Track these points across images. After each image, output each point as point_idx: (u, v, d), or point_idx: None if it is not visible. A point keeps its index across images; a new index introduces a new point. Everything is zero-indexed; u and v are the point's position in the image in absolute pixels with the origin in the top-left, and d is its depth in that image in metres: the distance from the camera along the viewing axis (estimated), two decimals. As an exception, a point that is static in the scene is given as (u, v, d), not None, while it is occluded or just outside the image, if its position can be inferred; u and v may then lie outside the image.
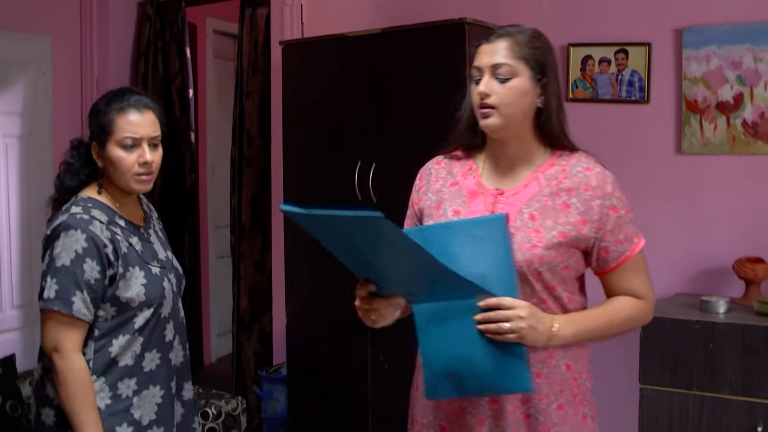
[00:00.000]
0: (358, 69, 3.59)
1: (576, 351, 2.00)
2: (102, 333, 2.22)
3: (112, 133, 2.23)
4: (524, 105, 1.93)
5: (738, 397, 2.89)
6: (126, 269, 2.22)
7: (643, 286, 2.01)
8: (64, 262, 2.16)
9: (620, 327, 2.00)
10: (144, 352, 2.26)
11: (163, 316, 2.30)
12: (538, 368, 1.93)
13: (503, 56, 1.91)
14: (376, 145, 3.54)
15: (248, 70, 4.64)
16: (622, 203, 1.97)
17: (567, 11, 3.62)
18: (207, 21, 5.81)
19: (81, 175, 2.31)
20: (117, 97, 2.29)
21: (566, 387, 1.98)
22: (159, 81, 5.00)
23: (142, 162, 2.24)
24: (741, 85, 3.28)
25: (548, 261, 1.90)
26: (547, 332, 1.84)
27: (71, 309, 2.16)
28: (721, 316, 2.99)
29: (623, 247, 1.95)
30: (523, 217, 1.93)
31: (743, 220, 3.32)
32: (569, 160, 1.99)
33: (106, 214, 2.25)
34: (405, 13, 3.94)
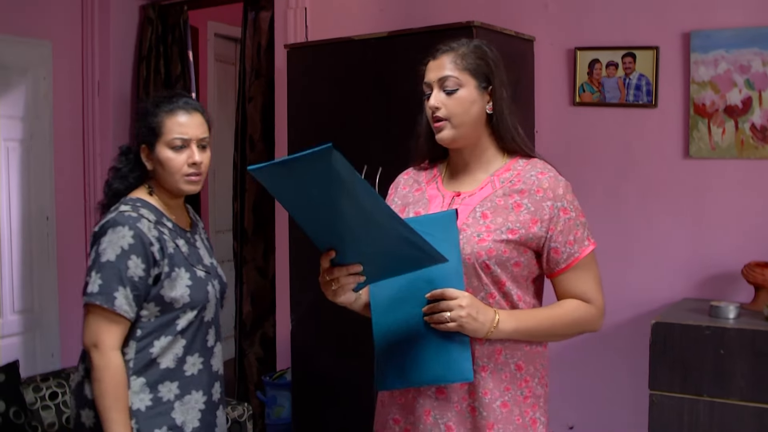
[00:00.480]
0: (364, 72, 3.57)
1: (529, 353, 2.06)
2: (144, 333, 2.21)
3: (161, 134, 2.25)
4: (473, 113, 2.04)
5: (748, 403, 2.86)
6: (171, 269, 2.22)
7: (592, 290, 2.06)
8: (109, 257, 2.17)
9: (564, 329, 2.07)
10: (186, 355, 2.26)
11: (206, 320, 2.30)
12: (485, 362, 2.01)
13: (448, 69, 2.05)
14: (383, 149, 3.52)
15: (251, 74, 4.62)
16: (573, 206, 2.04)
17: (573, 15, 3.60)
18: (208, 24, 5.80)
19: (129, 179, 2.33)
20: (165, 100, 2.31)
21: (515, 387, 2.03)
22: (161, 85, 4.97)
23: (191, 162, 2.26)
24: (749, 89, 3.27)
25: (496, 255, 1.97)
26: (488, 323, 1.93)
27: (113, 304, 2.15)
28: (731, 321, 2.97)
29: (573, 248, 2.02)
30: (475, 215, 2.03)
31: (751, 225, 3.30)
32: (525, 166, 2.10)
33: (154, 214, 2.26)
34: (409, 17, 3.93)
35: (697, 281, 3.39)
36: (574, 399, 3.62)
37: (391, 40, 3.51)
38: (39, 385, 3.48)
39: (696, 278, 3.39)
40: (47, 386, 3.49)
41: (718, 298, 3.31)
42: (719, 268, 3.35)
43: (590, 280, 2.06)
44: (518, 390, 2.04)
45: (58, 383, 3.53)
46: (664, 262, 3.44)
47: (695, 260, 3.39)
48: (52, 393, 3.48)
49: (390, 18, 4.01)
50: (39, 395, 3.43)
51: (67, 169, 4.88)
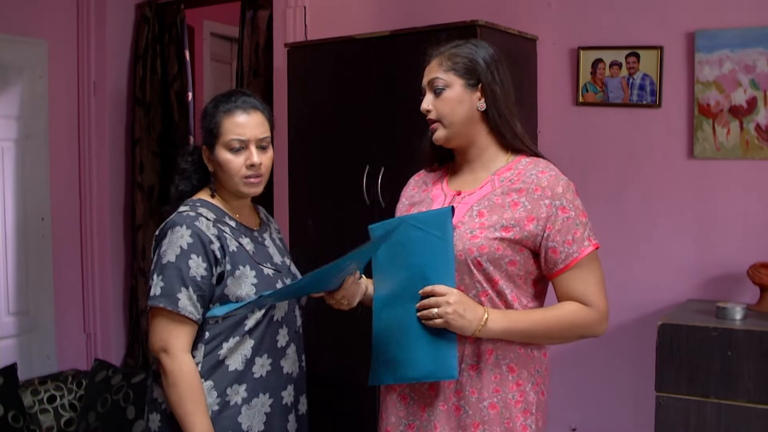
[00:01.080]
0: (366, 72, 3.54)
1: (523, 356, 2.04)
2: (212, 335, 2.16)
3: (219, 135, 2.21)
4: (461, 112, 2.07)
5: (756, 404, 2.84)
6: (235, 267, 2.17)
7: (592, 292, 2.02)
8: (170, 258, 2.13)
9: (561, 333, 2.03)
10: (254, 356, 2.19)
11: (276, 319, 2.24)
12: (474, 361, 2.00)
13: (435, 72, 2.11)
14: (385, 149, 3.49)
15: (249, 74, 4.58)
16: (573, 205, 2.02)
17: (577, 14, 3.58)
18: (204, 23, 5.75)
19: (193, 180, 2.31)
20: (224, 99, 2.27)
21: (505, 389, 2.01)
22: (157, 85, 4.92)
23: (249, 164, 2.21)
24: (754, 89, 3.25)
25: (489, 252, 1.97)
26: (476, 321, 1.92)
27: (177, 306, 2.10)
28: (738, 322, 2.95)
29: (572, 248, 2.00)
30: (472, 213, 2.04)
31: (756, 226, 3.28)
32: (527, 165, 2.09)
33: (215, 213, 2.22)
34: (410, 16, 3.89)
35: (701, 282, 3.37)
36: (577, 400, 3.60)
37: (393, 39, 3.47)
38: (37, 388, 3.44)
39: (700, 279, 3.37)
40: (45, 389, 3.46)
41: (723, 299, 3.30)
42: (723, 268, 3.34)
43: (590, 283, 2.03)
44: (509, 393, 2.01)
45: (57, 386, 3.50)
46: (668, 262, 3.42)
47: (699, 261, 3.37)
48: (50, 396, 3.45)
49: (391, 17, 3.97)
50: (37, 398, 3.40)
51: (62, 169, 4.83)
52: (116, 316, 4.97)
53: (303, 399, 2.35)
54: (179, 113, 4.91)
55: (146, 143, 4.91)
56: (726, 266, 3.33)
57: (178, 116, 4.91)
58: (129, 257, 4.99)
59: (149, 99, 4.91)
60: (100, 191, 4.91)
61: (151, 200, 4.91)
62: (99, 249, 4.93)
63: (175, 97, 4.90)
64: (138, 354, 4.88)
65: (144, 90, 4.90)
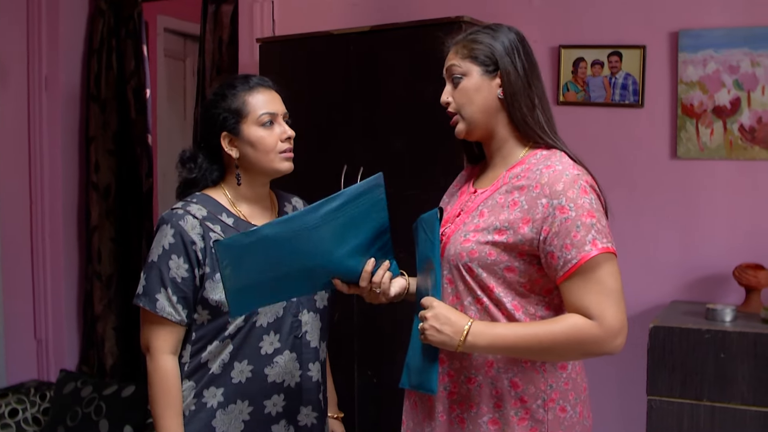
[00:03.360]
0: (345, 68, 3.43)
1: (529, 371, 1.87)
2: (198, 337, 2.11)
3: (247, 113, 2.12)
4: (479, 102, 1.92)
5: (750, 407, 2.82)
6: (215, 270, 2.07)
7: (596, 304, 1.76)
8: (153, 257, 2.08)
9: (557, 350, 1.79)
10: (233, 361, 2.11)
11: (260, 325, 2.12)
12: (473, 374, 1.88)
13: (452, 60, 1.96)
14: (365, 148, 3.38)
15: (211, 70, 4.42)
16: (575, 204, 1.77)
17: (558, 12, 3.53)
18: (158, 18, 5.55)
19: (208, 183, 2.20)
20: (239, 80, 2.19)
21: (508, 405, 1.87)
22: (113, 80, 4.73)
23: (285, 137, 2.14)
24: (738, 89, 3.24)
25: (479, 257, 1.82)
26: (456, 337, 1.78)
27: (155, 307, 2.06)
28: (728, 324, 2.93)
29: (571, 253, 1.76)
30: (475, 213, 1.91)
31: (740, 226, 3.27)
32: (540, 159, 1.90)
33: (209, 210, 2.12)
34: (385, 11, 3.80)
35: (685, 283, 3.35)
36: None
37: (373, 35, 3.37)
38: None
39: (684, 280, 3.35)
40: (6, 402, 3.28)
41: (708, 301, 3.28)
42: (708, 270, 3.32)
43: (592, 292, 1.76)
44: (512, 410, 1.86)
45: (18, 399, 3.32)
46: (652, 264, 3.38)
47: (684, 262, 3.35)
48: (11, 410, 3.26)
49: (364, 13, 3.87)
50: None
51: (11, 168, 4.61)
52: (69, 321, 4.76)
53: (307, 410, 2.21)
54: (137, 110, 4.72)
55: (101, 141, 4.72)
56: (710, 267, 3.31)
57: (135, 113, 4.72)
58: (83, 260, 4.79)
59: (104, 95, 4.72)
60: (52, 192, 4.70)
61: (107, 201, 4.72)
62: (51, 252, 4.71)
63: (132, 94, 4.71)
64: (93, 361, 4.68)
65: (99, 86, 4.71)
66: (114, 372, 4.62)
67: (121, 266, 4.76)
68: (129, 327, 4.73)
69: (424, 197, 2.56)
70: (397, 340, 3.28)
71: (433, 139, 3.18)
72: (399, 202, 3.27)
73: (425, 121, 3.20)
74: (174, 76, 5.83)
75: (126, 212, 4.78)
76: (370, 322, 3.37)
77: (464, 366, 1.88)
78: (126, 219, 4.78)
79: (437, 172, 3.11)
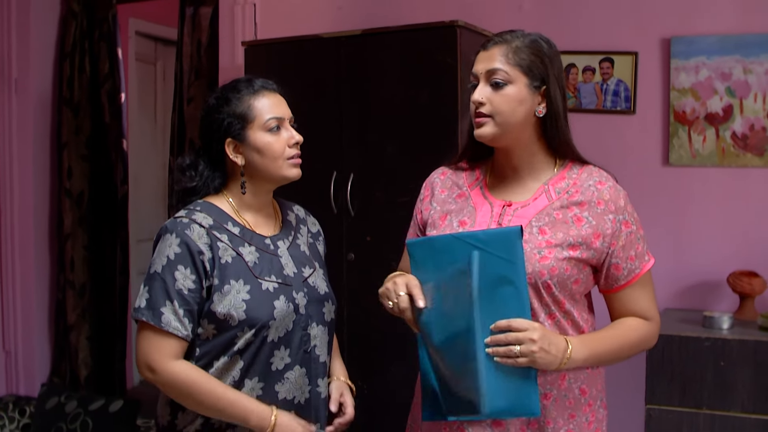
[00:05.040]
0: (335, 73, 3.35)
1: (591, 375, 1.92)
2: (203, 353, 1.97)
3: (253, 118, 2.03)
4: (520, 113, 1.87)
5: (750, 414, 2.82)
6: (223, 281, 1.95)
7: (651, 306, 1.96)
8: (157, 268, 1.94)
9: (630, 350, 1.94)
10: (244, 378, 1.98)
11: (271, 339, 1.99)
12: (548, 390, 1.85)
13: (498, 62, 1.87)
14: (355, 154, 3.31)
15: (190, 74, 4.32)
16: (634, 218, 1.91)
17: (549, 17, 3.50)
18: (130, 21, 5.44)
19: (210, 191, 2.09)
20: (243, 84, 2.07)
21: (580, 413, 1.89)
22: (86, 84, 4.61)
23: (293, 143, 2.06)
24: (730, 96, 3.24)
25: (559, 274, 1.82)
26: (561, 355, 1.77)
27: (160, 321, 1.91)
28: (725, 331, 2.92)
29: (635, 264, 1.90)
30: (532, 230, 1.86)
31: (732, 234, 3.27)
32: (580, 174, 1.94)
33: (214, 218, 2.00)
34: (370, 16, 3.75)
35: (678, 291, 3.34)
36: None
37: (365, 39, 3.30)
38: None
39: (677, 287, 3.34)
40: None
41: (700, 308, 3.28)
42: (700, 277, 3.31)
43: (649, 297, 1.96)
44: (583, 416, 1.89)
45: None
46: (644, 271, 3.36)
47: (676, 269, 3.34)
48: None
49: (350, 17, 3.82)
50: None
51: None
52: (40, 332, 4.62)
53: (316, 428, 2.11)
54: (111, 115, 4.60)
55: (74, 147, 4.59)
56: (703, 274, 3.31)
57: (109, 118, 4.60)
58: (55, 269, 4.65)
59: (77, 99, 4.59)
60: (22, 198, 4.56)
61: (81, 208, 4.59)
62: (21, 260, 4.56)
63: (106, 98, 4.59)
64: (65, 372, 4.54)
65: (72, 89, 4.58)
66: (89, 384, 4.49)
67: (94, 275, 4.63)
68: (103, 337, 4.60)
69: None
70: (387, 351, 3.23)
71: (427, 144, 3.13)
72: (392, 208, 3.23)
73: (419, 127, 3.15)
74: (145, 80, 5.71)
75: (100, 219, 4.66)
76: (360, 333, 3.30)
77: (539, 384, 1.81)
78: (100, 226, 4.65)
79: (431, 179, 3.05)
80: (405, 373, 2.57)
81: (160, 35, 5.74)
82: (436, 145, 3.11)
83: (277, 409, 1.98)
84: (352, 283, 3.33)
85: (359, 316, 3.30)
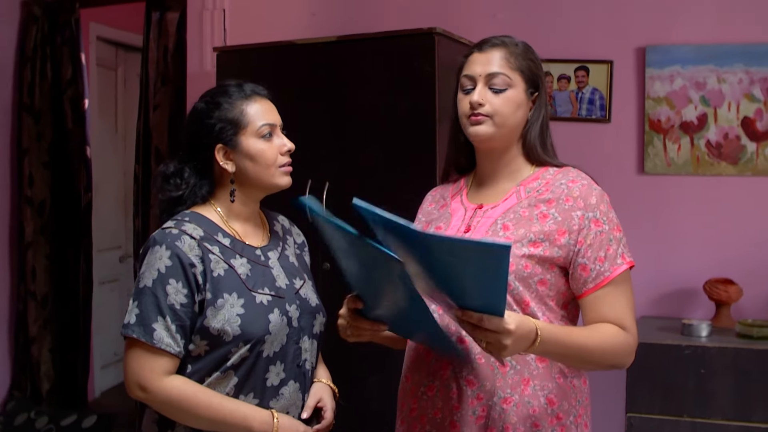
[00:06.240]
0: (310, 80, 3.31)
1: (563, 386, 1.84)
2: (194, 370, 1.88)
3: (246, 124, 1.96)
4: (518, 117, 1.87)
5: (731, 422, 2.83)
6: (217, 295, 1.87)
7: (626, 316, 1.80)
8: (147, 282, 1.84)
9: (602, 356, 1.77)
10: (238, 394, 1.90)
11: (266, 355, 1.91)
12: (508, 394, 1.79)
13: (499, 66, 1.86)
14: (331, 162, 3.26)
15: (156, 80, 4.24)
16: (607, 218, 1.83)
17: (523, 26, 3.50)
18: (91, 26, 5.32)
19: (196, 200, 2.00)
20: (234, 88, 2.00)
21: (545, 424, 1.81)
22: (48, 90, 4.50)
23: (285, 150, 1.99)
24: (705, 105, 3.27)
25: (516, 270, 1.77)
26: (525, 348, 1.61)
27: (152, 338, 1.82)
28: (704, 339, 2.94)
29: (604, 266, 1.79)
30: (496, 227, 1.84)
31: (708, 242, 3.30)
32: (555, 175, 1.90)
33: (204, 229, 1.92)
34: (344, 22, 3.72)
35: (654, 298, 3.36)
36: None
37: (341, 46, 3.26)
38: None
39: (654, 295, 3.36)
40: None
41: (677, 316, 3.30)
42: (677, 285, 3.33)
43: (622, 305, 1.80)
44: (549, 427, 1.81)
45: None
46: (620, 279, 3.37)
47: (651, 277, 3.35)
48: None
49: (324, 23, 3.78)
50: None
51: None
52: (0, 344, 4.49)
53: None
54: (74, 121, 4.50)
55: (36, 154, 4.48)
56: (679, 282, 3.32)
57: (72, 124, 4.50)
58: (15, 279, 4.52)
59: (39, 106, 4.48)
60: (-19, 206, 4.44)
61: (42, 216, 4.48)
62: (-21, 270, 4.44)
63: (69, 104, 4.49)
64: (26, 386, 4.42)
65: (33, 96, 4.47)
66: (51, 397, 4.37)
67: (57, 285, 4.51)
68: (66, 349, 4.49)
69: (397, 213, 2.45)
70: (364, 362, 3.19)
71: (404, 152, 3.10)
72: (367, 218, 3.19)
73: (396, 134, 3.12)
74: (105, 86, 5.59)
75: (62, 228, 4.54)
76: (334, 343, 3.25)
77: (498, 386, 1.78)
78: (62, 235, 4.54)
79: (409, 187, 3.01)
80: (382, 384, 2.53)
81: (121, 41, 5.63)
82: (414, 153, 3.08)
83: (277, 413, 1.93)
84: (327, 292, 3.26)
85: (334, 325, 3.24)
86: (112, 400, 5.20)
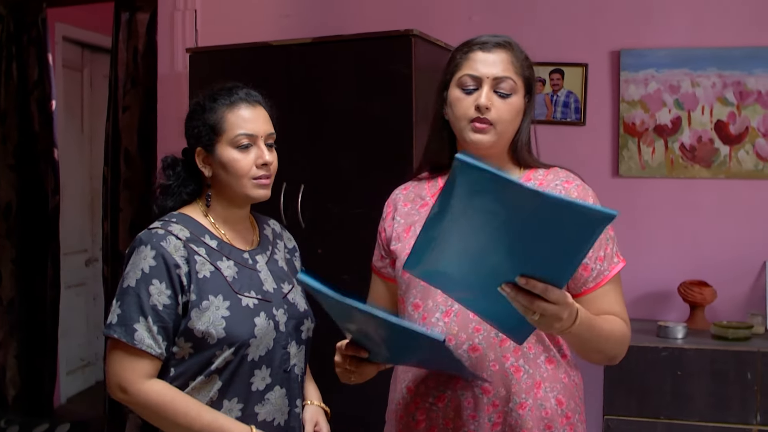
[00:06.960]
0: (284, 82, 3.27)
1: (568, 386, 1.86)
2: (178, 373, 1.85)
3: (223, 132, 1.91)
4: (515, 125, 1.85)
5: (708, 423, 2.85)
6: (202, 297, 1.84)
7: (623, 311, 1.85)
8: (130, 282, 1.82)
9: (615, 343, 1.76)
10: (222, 399, 1.87)
11: (252, 359, 1.88)
12: (523, 399, 1.79)
13: (506, 70, 1.81)
14: (306, 165, 3.23)
15: (125, 82, 4.19)
16: None
17: (498, 28, 3.39)
18: (56, 26, 5.23)
19: (183, 195, 1.98)
20: (224, 92, 1.96)
21: (557, 424, 1.82)
22: (14, 91, 4.42)
23: (261, 163, 1.92)
24: (679, 109, 3.29)
25: None
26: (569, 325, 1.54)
27: (133, 338, 1.80)
28: (680, 341, 2.95)
29: (603, 265, 1.82)
30: None
31: (681, 244, 3.32)
32: (546, 175, 1.88)
33: (191, 230, 1.88)
34: (318, 25, 3.68)
35: (629, 300, 3.26)
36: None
37: (316, 47, 3.23)
38: None
39: (628, 297, 3.26)
40: None
41: (651, 318, 3.31)
42: (651, 287, 3.35)
43: (619, 301, 1.85)
44: (560, 428, 1.81)
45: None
46: (596, 282, 3.38)
47: (627, 279, 3.29)
48: None
49: (297, 25, 3.74)
50: None
51: None
52: (-36, 350, 4.40)
53: None
54: (41, 123, 4.42)
55: (1, 156, 4.41)
56: (654, 285, 3.34)
57: (39, 126, 4.42)
58: (-21, 284, 4.44)
59: (4, 107, 4.41)
60: (-55, 209, 4.34)
61: (8, 219, 4.40)
62: (-57, 275, 4.34)
63: (36, 106, 4.41)
64: (-8, 392, 4.34)
65: (-3, 97, 4.40)
66: (17, 404, 4.29)
67: (23, 289, 4.43)
68: (33, 355, 4.41)
69: (372, 216, 2.42)
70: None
71: (380, 155, 3.08)
72: (344, 220, 3.17)
73: (372, 137, 3.10)
74: (71, 87, 5.50)
75: (29, 231, 4.46)
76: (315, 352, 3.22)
77: (513, 392, 1.77)
78: (29, 239, 4.46)
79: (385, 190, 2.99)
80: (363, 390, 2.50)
81: (87, 41, 5.54)
82: (390, 156, 3.06)
83: (255, 429, 1.89)
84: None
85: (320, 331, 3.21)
86: (79, 407, 5.11)
